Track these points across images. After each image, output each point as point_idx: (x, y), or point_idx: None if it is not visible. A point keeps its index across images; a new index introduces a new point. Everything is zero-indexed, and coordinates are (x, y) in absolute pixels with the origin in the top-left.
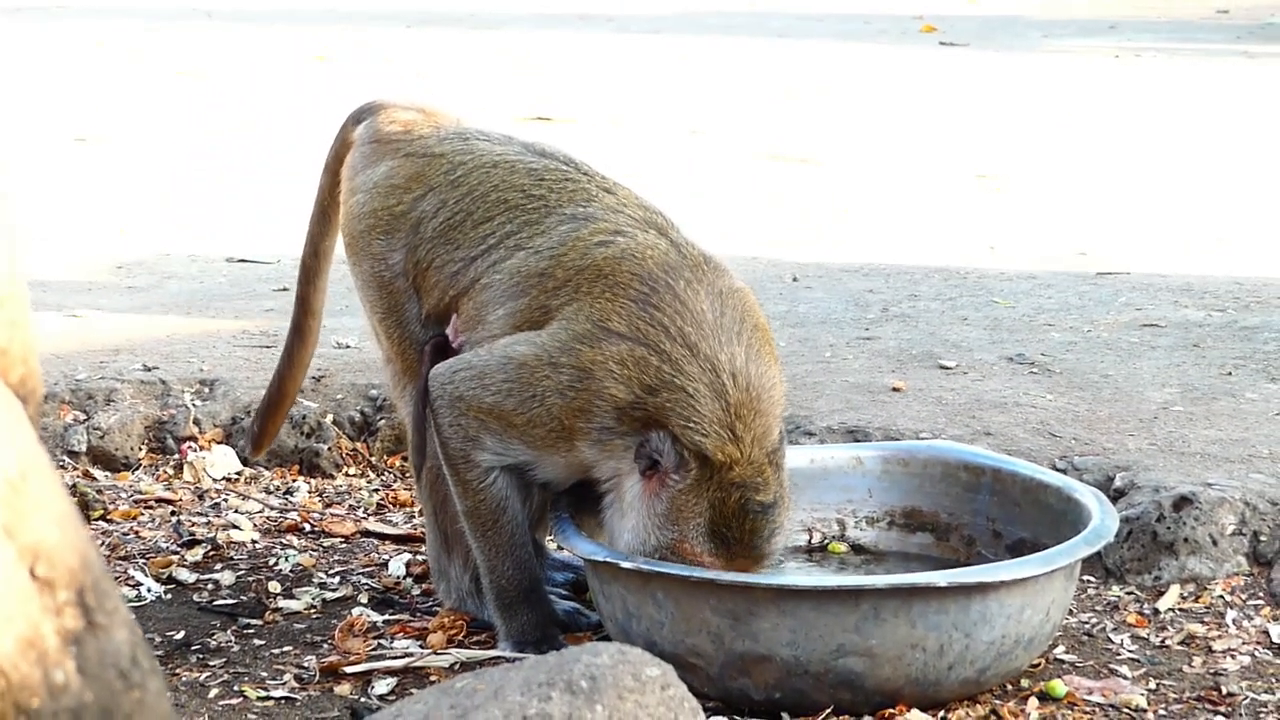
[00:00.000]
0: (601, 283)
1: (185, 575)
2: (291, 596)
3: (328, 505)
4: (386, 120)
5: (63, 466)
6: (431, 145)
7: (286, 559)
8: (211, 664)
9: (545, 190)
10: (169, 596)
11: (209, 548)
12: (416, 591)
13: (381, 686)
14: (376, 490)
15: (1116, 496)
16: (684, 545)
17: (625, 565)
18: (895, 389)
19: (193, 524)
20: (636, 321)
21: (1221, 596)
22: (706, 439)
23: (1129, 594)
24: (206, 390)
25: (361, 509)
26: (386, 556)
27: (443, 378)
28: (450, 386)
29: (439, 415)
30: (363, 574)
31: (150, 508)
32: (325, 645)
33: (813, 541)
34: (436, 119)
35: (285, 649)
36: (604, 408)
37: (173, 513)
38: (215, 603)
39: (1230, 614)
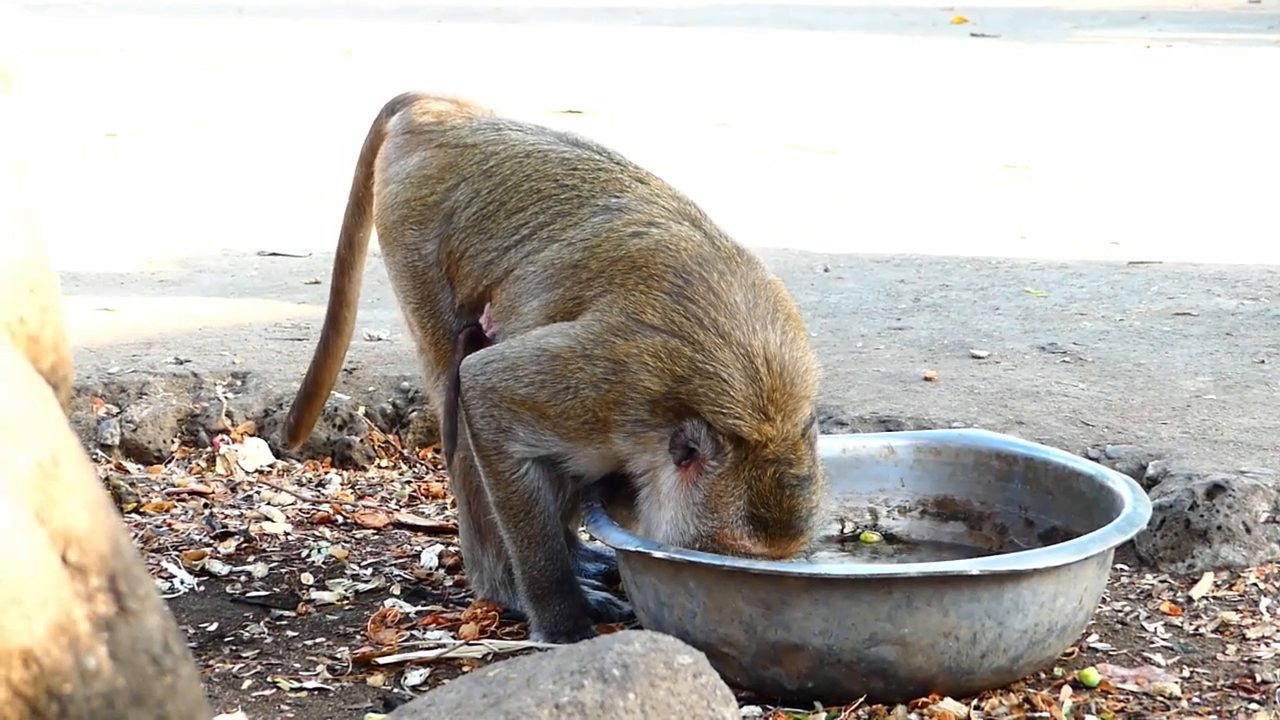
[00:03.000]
0: (635, 275)
1: (218, 567)
2: (324, 588)
3: (360, 497)
4: (420, 111)
5: (96, 460)
6: (464, 135)
7: (319, 551)
8: (244, 655)
9: (578, 180)
10: (202, 588)
11: (241, 540)
12: (449, 582)
13: (414, 677)
14: (409, 482)
15: (1149, 485)
16: (724, 532)
17: (657, 555)
18: (927, 378)
19: (225, 516)
20: (670, 314)
21: (1255, 584)
22: (740, 421)
23: (1162, 582)
24: (239, 383)
25: (394, 501)
26: (419, 548)
27: (474, 369)
28: (482, 378)
29: (471, 407)
30: (395, 565)
31: (183, 500)
32: (358, 636)
33: (845, 531)
34: (470, 110)
35: (318, 640)
36: (638, 400)
37: (205, 505)
38: (248, 594)
39: (1264, 602)
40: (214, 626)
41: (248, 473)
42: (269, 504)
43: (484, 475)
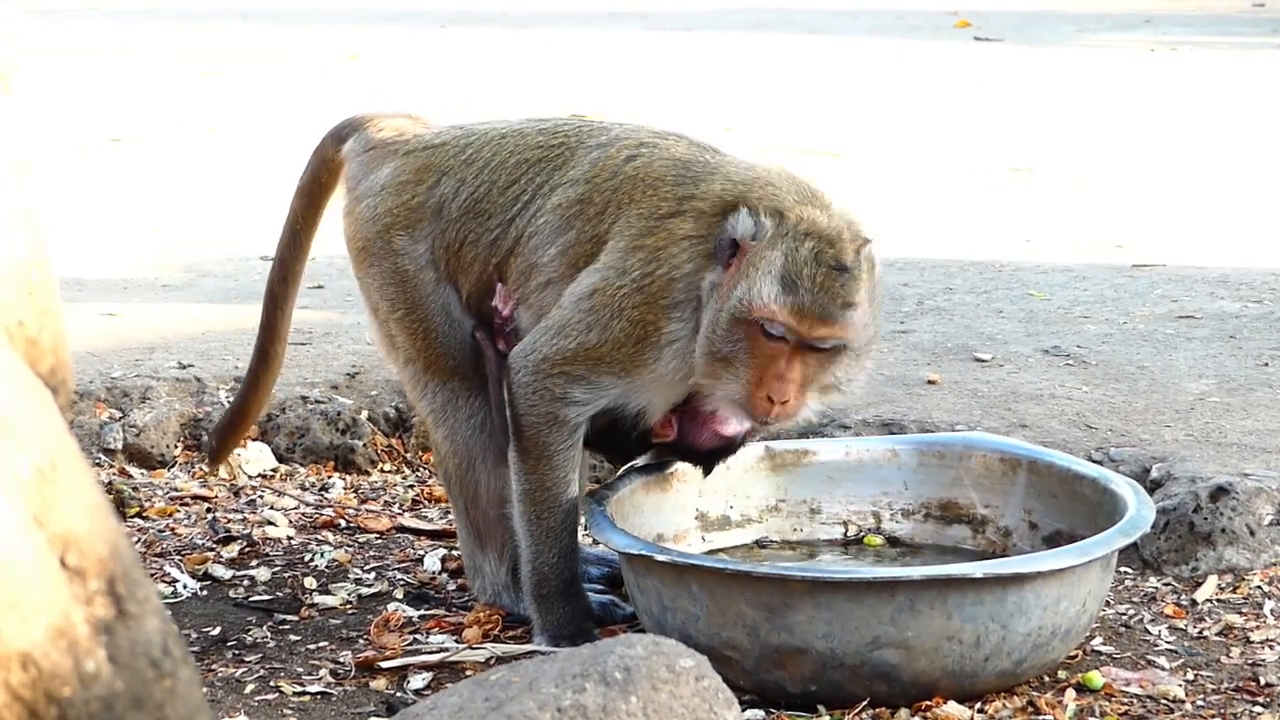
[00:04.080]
0: (639, 188)
1: (221, 572)
2: (327, 592)
3: (363, 501)
4: (376, 129)
5: (99, 464)
6: (430, 140)
7: (322, 555)
8: (247, 660)
9: (562, 138)
10: (205, 593)
11: (245, 544)
12: (451, 586)
13: (417, 681)
14: (411, 486)
15: (1153, 487)
16: (750, 296)
17: (660, 559)
18: (931, 382)
19: (228, 521)
20: (678, 194)
21: (1259, 587)
22: (784, 196)
23: (1166, 585)
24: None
25: (396, 505)
26: (421, 552)
27: (525, 350)
28: (535, 355)
29: (522, 389)
30: (398, 569)
31: (186, 505)
32: (361, 641)
33: (848, 534)
34: (425, 122)
35: (321, 644)
36: (687, 273)
37: (208, 509)
38: (251, 599)
39: (1268, 604)
40: (216, 630)
41: (250, 477)
42: (272, 508)
43: (524, 462)
